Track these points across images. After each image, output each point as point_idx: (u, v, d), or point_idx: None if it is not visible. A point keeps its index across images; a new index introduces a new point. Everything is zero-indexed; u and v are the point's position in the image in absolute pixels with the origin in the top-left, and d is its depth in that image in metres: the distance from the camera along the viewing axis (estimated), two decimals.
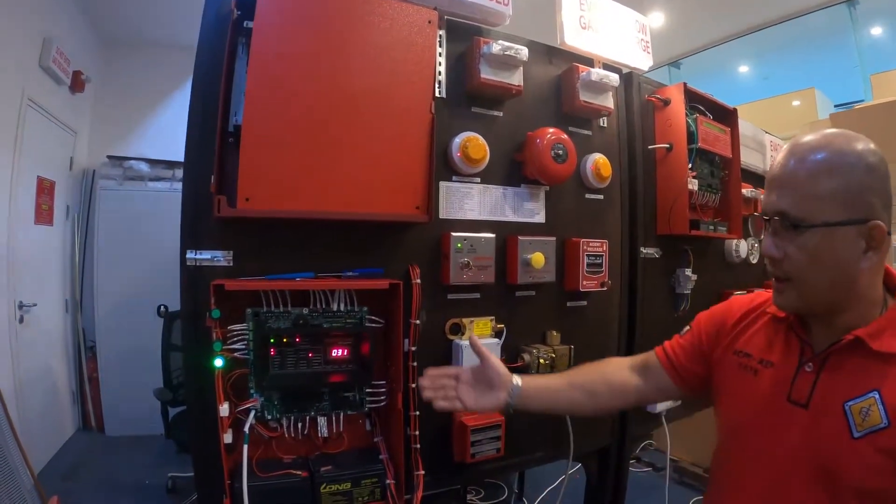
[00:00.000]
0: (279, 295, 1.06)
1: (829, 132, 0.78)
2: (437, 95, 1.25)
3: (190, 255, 1.03)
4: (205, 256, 1.04)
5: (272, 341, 1.05)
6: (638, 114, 1.64)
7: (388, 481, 1.10)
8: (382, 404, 1.15)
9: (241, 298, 1.04)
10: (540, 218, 1.44)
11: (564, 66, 1.49)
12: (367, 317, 1.13)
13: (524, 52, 1.28)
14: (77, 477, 3.13)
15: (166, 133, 4.10)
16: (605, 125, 1.58)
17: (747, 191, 1.93)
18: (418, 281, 1.19)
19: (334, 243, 1.15)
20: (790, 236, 0.77)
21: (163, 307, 3.15)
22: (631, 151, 1.63)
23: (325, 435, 1.13)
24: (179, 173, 3.84)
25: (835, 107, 4.12)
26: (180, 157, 1.06)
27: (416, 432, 1.14)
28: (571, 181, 1.45)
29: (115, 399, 3.79)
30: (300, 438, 1.12)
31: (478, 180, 1.33)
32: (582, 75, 1.43)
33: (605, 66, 1.56)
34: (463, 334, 1.29)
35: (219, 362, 0.98)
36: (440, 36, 1.27)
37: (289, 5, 1.02)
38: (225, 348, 1.00)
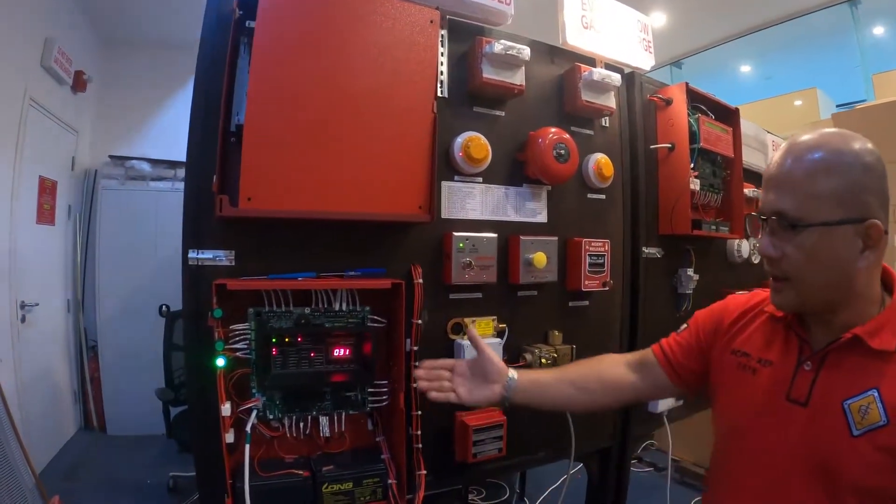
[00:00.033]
0: (281, 294, 1.06)
1: (827, 131, 0.78)
2: (439, 95, 1.25)
3: (192, 254, 1.03)
4: (207, 256, 1.04)
5: (274, 341, 1.05)
6: (640, 113, 1.64)
7: (389, 481, 1.10)
8: (384, 404, 1.15)
9: (243, 298, 1.04)
10: (542, 218, 1.44)
11: (566, 66, 1.48)
12: (369, 316, 1.13)
13: (526, 51, 1.28)
14: (78, 476, 3.14)
15: (168, 133, 4.10)
16: (607, 125, 1.58)
17: (749, 191, 1.93)
18: (420, 281, 1.19)
19: (336, 243, 1.15)
20: (788, 236, 0.77)
21: (164, 307, 3.15)
22: (633, 151, 1.63)
23: (327, 434, 1.13)
24: (181, 173, 3.85)
25: (837, 106, 4.11)
26: (182, 157, 1.06)
27: (418, 432, 1.14)
28: (573, 181, 1.45)
29: (117, 399, 3.79)
30: (302, 438, 1.11)
31: (480, 180, 1.33)
32: (584, 75, 1.43)
33: (607, 66, 1.56)
34: (465, 334, 1.29)
35: (221, 362, 0.98)
36: (442, 35, 1.27)
37: (290, 5, 1.02)
38: (227, 348, 1.00)
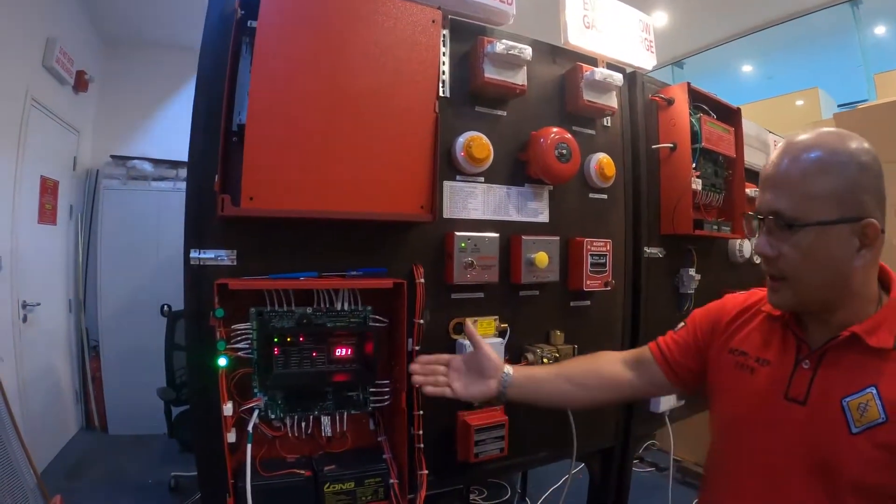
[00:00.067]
0: (283, 294, 1.06)
1: (823, 131, 0.78)
2: (441, 95, 1.25)
3: (193, 254, 1.03)
4: (208, 256, 1.04)
5: (276, 340, 1.05)
6: (641, 113, 1.64)
7: (391, 481, 1.10)
8: (386, 404, 1.15)
9: (245, 298, 1.04)
10: (544, 217, 1.43)
11: (568, 66, 1.48)
12: (370, 316, 1.13)
13: (528, 51, 1.28)
14: (80, 476, 3.14)
15: (170, 133, 4.10)
16: (608, 125, 1.57)
17: (751, 190, 1.92)
18: (422, 280, 1.19)
19: (338, 242, 1.15)
20: (784, 235, 0.77)
21: (166, 306, 3.15)
22: (635, 151, 1.63)
23: (329, 434, 1.13)
24: (183, 173, 3.85)
25: (838, 106, 4.11)
26: (184, 157, 1.06)
27: (420, 432, 1.14)
28: (575, 181, 1.45)
29: (119, 398, 3.80)
30: (304, 438, 1.11)
31: (481, 180, 1.33)
32: (586, 75, 1.43)
33: (609, 66, 1.55)
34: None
35: (222, 361, 0.98)
36: (444, 35, 1.27)
37: (292, 5, 1.02)
38: (228, 347, 1.00)
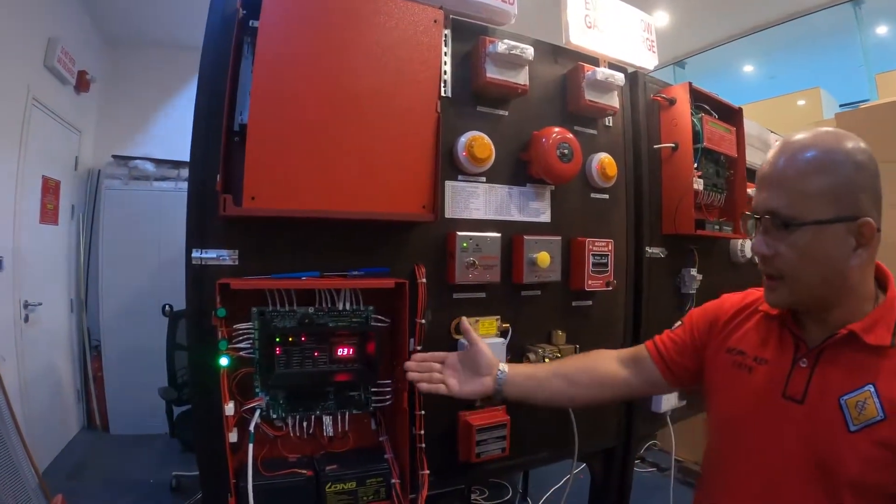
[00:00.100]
0: (285, 294, 1.06)
1: (820, 130, 0.78)
2: (443, 95, 1.25)
3: (195, 253, 1.03)
4: (210, 255, 1.04)
5: (278, 340, 1.05)
6: (643, 113, 1.63)
7: (392, 481, 1.10)
8: (388, 404, 1.15)
9: (247, 297, 1.04)
10: (545, 217, 1.43)
11: (570, 66, 1.48)
12: (372, 316, 1.13)
13: (530, 51, 1.28)
14: (81, 475, 3.15)
15: (171, 133, 4.10)
16: (610, 124, 1.57)
17: (752, 190, 1.92)
18: (424, 280, 1.19)
19: (340, 242, 1.15)
20: (781, 235, 0.77)
21: (167, 306, 3.15)
22: (636, 151, 1.62)
23: (331, 434, 1.13)
24: (184, 173, 3.86)
25: (840, 106, 4.10)
26: (185, 157, 1.06)
27: (422, 432, 1.14)
28: (577, 180, 1.45)
29: (120, 398, 3.81)
30: (305, 437, 1.11)
31: (483, 179, 1.33)
32: (587, 74, 1.43)
33: (611, 66, 1.55)
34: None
35: (224, 361, 0.98)
36: (446, 35, 1.27)
37: (294, 5, 1.01)
38: (230, 347, 1.00)
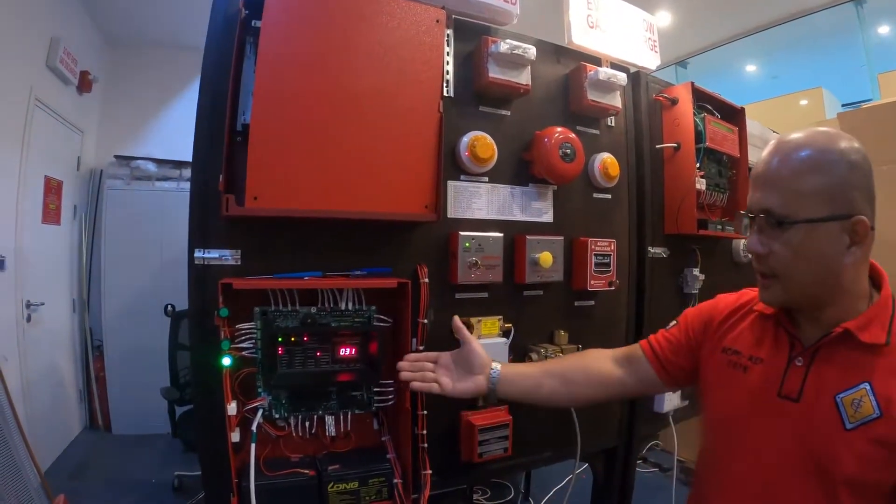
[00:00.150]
0: (287, 294, 1.06)
1: (814, 130, 0.79)
2: (445, 94, 1.25)
3: (198, 253, 1.03)
4: (213, 255, 1.04)
5: (280, 340, 1.05)
6: (645, 113, 1.63)
7: (395, 480, 1.10)
8: (390, 403, 1.15)
9: (249, 297, 1.04)
10: (548, 217, 1.43)
11: (572, 66, 1.48)
12: (375, 316, 1.13)
13: (532, 51, 1.28)
14: (83, 475, 3.15)
15: (173, 133, 4.11)
16: (612, 124, 1.57)
17: None
18: (426, 280, 1.19)
19: (342, 242, 1.15)
20: (775, 233, 0.78)
21: (170, 306, 3.16)
22: (639, 151, 1.62)
23: (333, 434, 1.13)
24: (186, 173, 3.86)
25: (842, 106, 4.09)
26: (187, 157, 1.06)
27: (424, 432, 1.14)
28: (579, 180, 1.44)
29: (122, 398, 3.81)
30: (308, 437, 1.11)
31: (486, 179, 1.33)
32: (590, 74, 1.43)
33: (613, 66, 1.55)
34: (470, 333, 1.29)
35: (227, 361, 0.98)
36: (448, 35, 1.27)
37: (297, 4, 1.01)
38: (233, 347, 1.00)
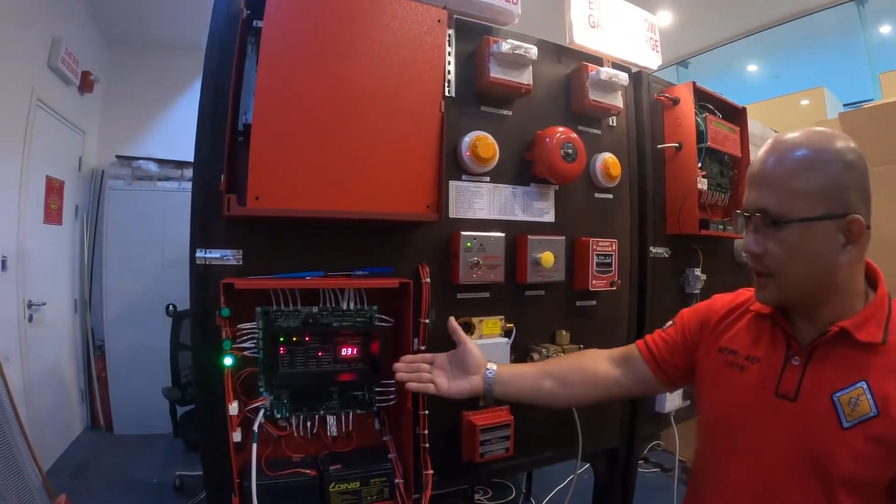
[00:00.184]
0: (289, 294, 1.06)
1: (810, 130, 0.79)
2: (447, 94, 1.25)
3: (200, 253, 1.03)
4: (214, 255, 1.04)
5: (282, 340, 1.05)
6: (647, 113, 1.63)
7: (396, 480, 1.10)
8: (392, 403, 1.15)
9: (251, 297, 1.04)
10: (549, 217, 1.43)
11: (573, 65, 1.48)
12: (376, 316, 1.13)
13: (533, 50, 1.28)
14: (85, 475, 3.15)
15: (175, 133, 4.12)
16: (614, 124, 1.57)
17: None
18: (428, 280, 1.19)
19: (344, 242, 1.15)
20: (770, 232, 0.78)
21: (171, 306, 3.17)
22: (640, 150, 1.62)
23: (335, 434, 1.12)
24: (188, 173, 3.87)
25: (844, 106, 4.08)
26: (189, 157, 1.06)
27: (425, 432, 1.14)
28: (581, 180, 1.44)
29: (124, 398, 3.81)
30: (309, 437, 1.11)
31: (487, 179, 1.33)
32: (591, 74, 1.43)
33: (614, 65, 1.55)
34: (472, 333, 1.29)
35: (228, 361, 0.98)
36: (449, 35, 1.27)
37: (298, 4, 1.01)
38: (234, 347, 1.00)
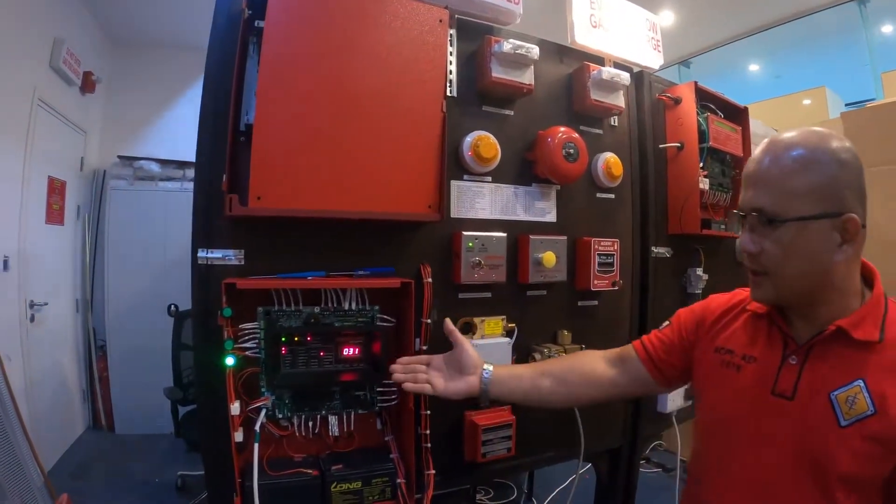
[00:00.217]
0: (290, 294, 1.06)
1: (805, 130, 0.79)
2: (448, 94, 1.25)
3: (201, 253, 1.03)
4: (216, 255, 1.04)
5: (283, 340, 1.05)
6: (649, 112, 1.63)
7: (398, 480, 1.10)
8: (393, 403, 1.15)
9: (252, 297, 1.04)
10: (551, 217, 1.43)
11: (575, 65, 1.48)
12: (378, 316, 1.13)
13: (535, 50, 1.27)
14: (87, 475, 3.16)
15: (176, 133, 4.12)
16: (615, 124, 1.57)
17: None
18: (430, 280, 1.19)
19: (345, 242, 1.15)
20: (766, 231, 0.78)
21: (173, 306, 3.17)
22: (642, 150, 1.62)
23: (336, 434, 1.13)
24: (190, 173, 3.87)
25: (845, 105, 4.07)
26: (190, 157, 1.06)
27: (427, 431, 1.14)
28: (582, 180, 1.44)
29: (125, 398, 3.82)
30: (311, 437, 1.11)
31: (489, 179, 1.33)
32: (593, 74, 1.42)
33: (616, 65, 1.55)
34: (474, 333, 1.29)
35: (230, 361, 0.98)
36: (451, 35, 1.27)
37: (300, 5, 1.01)
38: (236, 347, 1.00)
